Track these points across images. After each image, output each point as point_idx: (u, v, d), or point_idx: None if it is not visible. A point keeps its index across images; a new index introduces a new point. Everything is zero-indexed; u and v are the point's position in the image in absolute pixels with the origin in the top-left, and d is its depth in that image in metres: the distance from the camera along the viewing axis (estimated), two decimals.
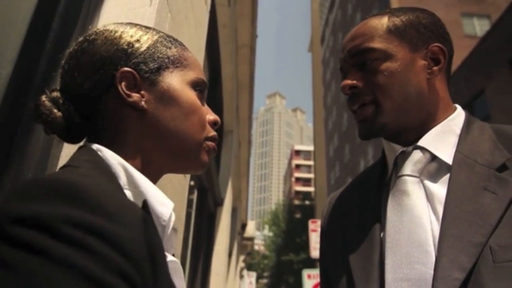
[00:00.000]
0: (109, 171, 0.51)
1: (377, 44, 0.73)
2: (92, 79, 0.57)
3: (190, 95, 0.61)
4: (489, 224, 0.60)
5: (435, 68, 0.75)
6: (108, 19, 1.01)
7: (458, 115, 0.77)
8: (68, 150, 0.86)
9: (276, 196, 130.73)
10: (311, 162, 61.31)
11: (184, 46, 0.66)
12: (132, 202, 0.44)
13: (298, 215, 37.81)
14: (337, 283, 0.74)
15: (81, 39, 0.60)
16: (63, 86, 0.59)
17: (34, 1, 0.81)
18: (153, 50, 0.60)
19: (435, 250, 0.62)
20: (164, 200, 0.54)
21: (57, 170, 0.83)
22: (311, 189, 56.41)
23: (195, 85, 0.62)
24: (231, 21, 4.31)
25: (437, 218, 0.65)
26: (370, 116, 0.74)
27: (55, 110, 0.56)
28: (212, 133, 0.63)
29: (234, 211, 8.75)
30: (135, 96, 0.57)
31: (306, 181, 70.17)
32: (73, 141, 0.60)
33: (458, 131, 0.74)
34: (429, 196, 0.68)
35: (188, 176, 1.87)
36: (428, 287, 0.59)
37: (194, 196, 4.17)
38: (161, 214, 0.52)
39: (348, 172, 26.23)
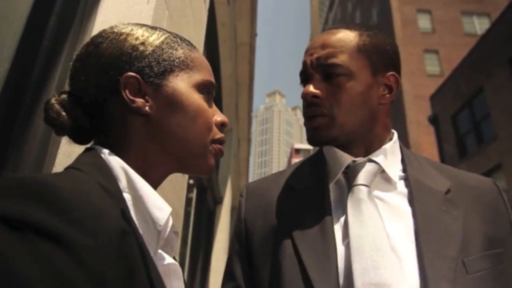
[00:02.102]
0: (110, 174, 0.51)
1: (345, 61, 0.76)
2: (97, 84, 0.57)
3: (196, 99, 0.60)
4: (456, 242, 0.70)
5: (387, 95, 0.80)
6: (106, 16, 1.01)
7: (396, 140, 0.84)
8: (65, 148, 0.86)
9: None
10: None
11: (192, 46, 0.65)
12: (110, 210, 0.43)
13: None
14: (281, 282, 0.71)
15: (88, 41, 0.60)
16: (71, 89, 0.59)
17: None
18: (158, 53, 0.59)
19: (395, 255, 0.67)
20: (162, 205, 0.53)
21: (54, 166, 0.84)
22: None
23: (202, 87, 0.61)
24: (230, 20, 4.31)
25: (394, 227, 0.71)
26: (323, 126, 0.76)
27: (63, 113, 0.56)
28: (219, 135, 0.63)
29: (234, 210, 8.76)
30: (139, 101, 0.56)
31: None
32: (81, 142, 0.61)
33: (398, 155, 0.82)
34: (382, 207, 0.73)
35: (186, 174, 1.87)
36: None
37: (194, 195, 4.18)
38: (157, 219, 0.52)
39: None
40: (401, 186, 0.78)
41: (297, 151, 76.73)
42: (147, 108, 0.56)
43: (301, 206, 0.79)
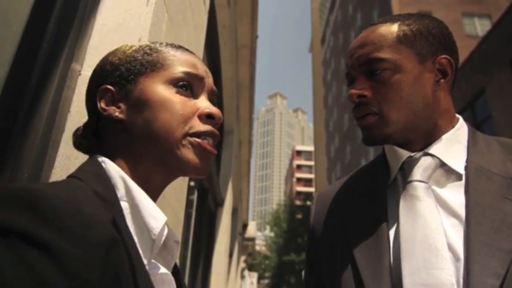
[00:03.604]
0: (108, 183, 0.53)
1: (387, 54, 0.73)
2: (89, 105, 0.63)
3: (161, 93, 0.57)
4: None
5: (442, 80, 0.75)
6: (105, 19, 1.01)
7: (462, 126, 0.78)
8: (64, 151, 0.86)
9: (277, 197, 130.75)
10: (312, 163, 61.31)
11: (178, 47, 0.64)
12: (101, 219, 0.44)
13: (299, 216, 37.74)
14: (339, 284, 0.73)
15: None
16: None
17: (30, 1, 0.81)
18: (129, 60, 0.61)
19: (452, 255, 0.63)
20: (157, 214, 0.54)
21: (53, 169, 0.84)
22: (312, 189, 56.40)
23: (176, 81, 0.59)
24: (231, 22, 4.31)
25: (451, 224, 0.66)
26: (373, 124, 0.74)
27: (80, 136, 0.64)
28: (198, 128, 0.58)
29: (235, 212, 8.76)
30: (110, 109, 0.59)
31: (307, 182, 70.16)
32: (90, 153, 0.64)
33: (464, 142, 0.76)
34: (439, 202, 0.69)
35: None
36: None
37: (194, 197, 4.17)
38: (152, 228, 0.53)
39: (349, 172, 26.04)
40: (464, 177, 0.72)
41: (299, 153, 76.71)
42: (117, 113, 0.59)
43: (358, 208, 0.79)
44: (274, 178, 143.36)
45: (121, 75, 0.60)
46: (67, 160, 0.85)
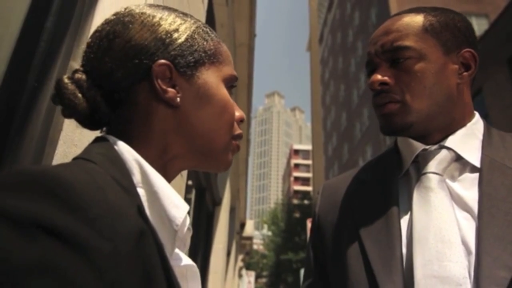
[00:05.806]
0: (123, 167, 0.47)
1: (412, 43, 0.72)
2: (124, 68, 0.52)
3: (224, 93, 0.58)
4: None
5: (465, 73, 0.75)
6: (103, 18, 1.01)
7: (478, 121, 0.78)
8: (62, 149, 0.86)
9: (275, 196, 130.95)
10: (310, 162, 61.40)
11: (218, 38, 0.63)
12: (127, 208, 0.39)
13: (297, 215, 37.78)
14: (347, 274, 0.72)
15: (113, 18, 0.56)
16: (90, 69, 0.54)
17: (27, 0, 0.81)
18: (191, 42, 0.56)
19: (465, 248, 0.63)
20: (179, 202, 0.49)
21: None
22: (310, 188, 56.49)
23: (228, 82, 0.60)
24: (229, 21, 4.31)
25: (464, 217, 0.66)
26: (395, 112, 0.73)
27: (79, 95, 0.51)
28: (238, 131, 0.61)
29: (233, 211, 8.76)
30: (171, 92, 0.53)
31: (305, 180, 70.29)
32: (91, 128, 0.56)
33: (480, 136, 0.76)
34: (453, 196, 0.69)
35: (185, 175, 1.87)
36: (458, 284, 0.60)
37: (192, 196, 4.17)
38: (174, 218, 0.48)
39: (346, 171, 26.15)
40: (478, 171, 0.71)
41: (296, 152, 76.83)
42: (178, 99, 0.53)
43: (369, 198, 0.78)
44: (272, 177, 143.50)
45: (183, 55, 0.55)
46: (65, 158, 0.85)
